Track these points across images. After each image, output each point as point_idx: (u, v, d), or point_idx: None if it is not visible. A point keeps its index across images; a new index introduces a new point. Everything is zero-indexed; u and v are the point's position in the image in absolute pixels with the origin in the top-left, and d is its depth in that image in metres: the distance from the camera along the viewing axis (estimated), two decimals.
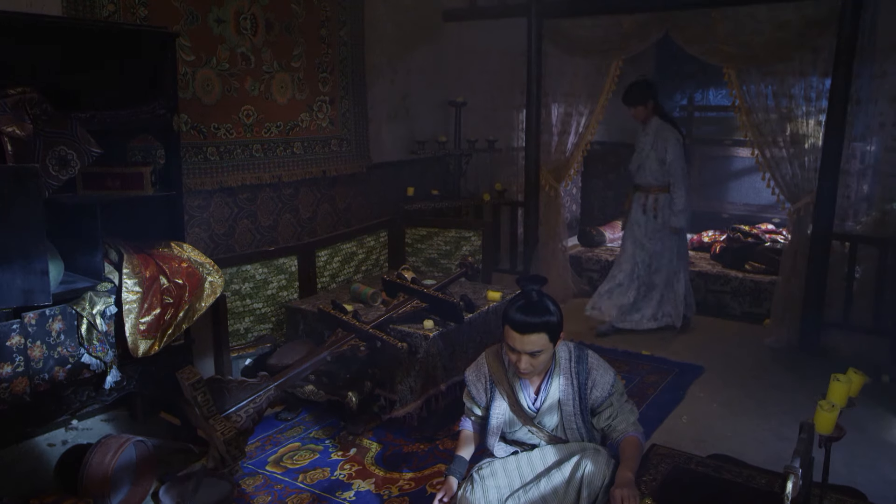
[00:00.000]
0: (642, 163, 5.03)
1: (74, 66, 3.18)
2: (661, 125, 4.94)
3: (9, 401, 2.68)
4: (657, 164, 4.95)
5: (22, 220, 2.63)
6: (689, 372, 4.47)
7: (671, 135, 4.89)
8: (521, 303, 2.42)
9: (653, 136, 4.95)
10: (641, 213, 5.07)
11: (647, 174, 5.02)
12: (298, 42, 4.72)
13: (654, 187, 5.01)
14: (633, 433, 2.52)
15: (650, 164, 4.98)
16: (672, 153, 4.88)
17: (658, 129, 4.93)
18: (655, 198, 5.01)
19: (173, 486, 3.06)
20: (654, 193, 5.02)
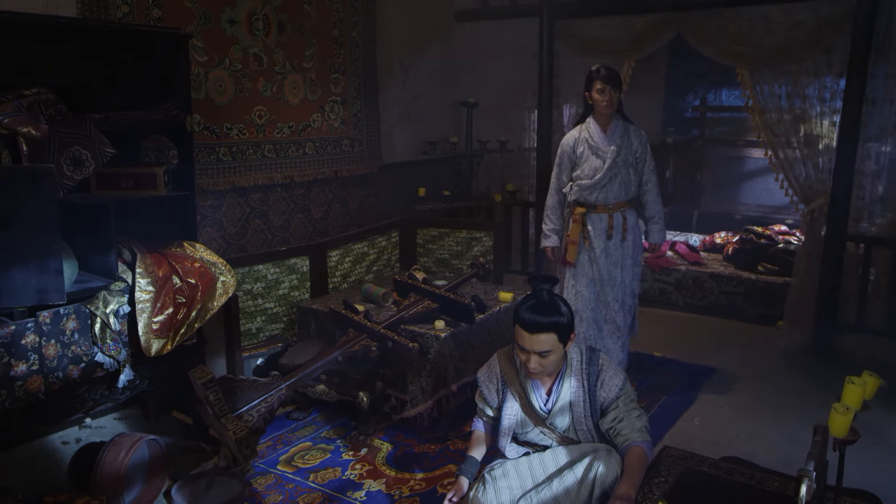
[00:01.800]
0: (616, 174, 3.97)
1: (89, 66, 3.21)
2: (627, 126, 4.03)
3: (24, 399, 2.70)
4: (632, 173, 4.03)
5: (37, 220, 2.65)
6: (700, 374, 4.44)
7: (644, 136, 4.09)
8: (531, 302, 2.42)
9: (626, 139, 3.98)
10: (605, 240, 4.03)
11: (620, 188, 4.00)
12: (311, 43, 4.73)
13: (622, 203, 4.03)
14: (638, 442, 2.46)
15: (623, 176, 3.99)
16: (651, 159, 4.08)
17: (627, 130, 4.01)
18: (623, 216, 4.04)
19: (185, 484, 3.07)
20: (619, 211, 4.04)
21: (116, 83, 3.30)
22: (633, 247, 4.09)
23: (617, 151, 3.93)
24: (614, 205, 4.01)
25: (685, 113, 7.97)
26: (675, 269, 5.83)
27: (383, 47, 5.37)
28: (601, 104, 3.90)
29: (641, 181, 4.09)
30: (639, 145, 4.03)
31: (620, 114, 4.01)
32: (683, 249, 6.21)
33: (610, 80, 3.88)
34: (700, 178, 7.81)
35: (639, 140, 4.03)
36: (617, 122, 3.99)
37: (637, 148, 4.02)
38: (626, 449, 2.45)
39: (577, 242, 4.05)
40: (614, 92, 3.88)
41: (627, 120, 4.05)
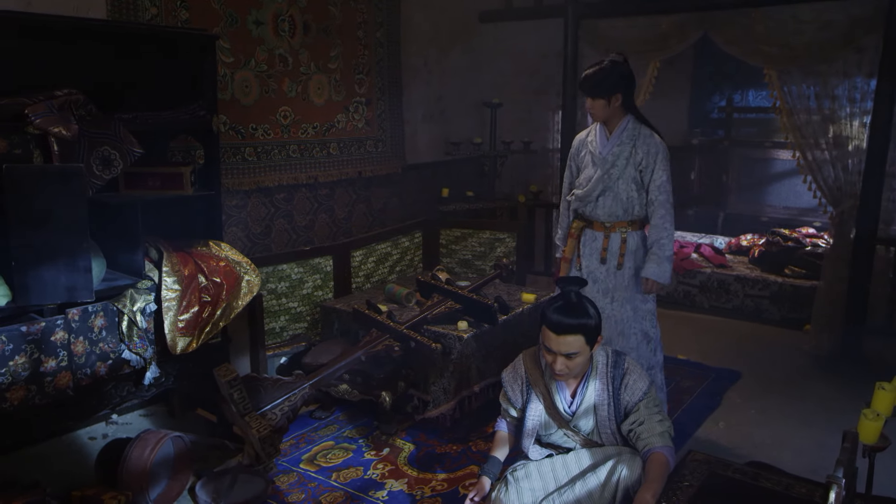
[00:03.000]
0: (608, 187, 3.39)
1: (118, 67, 3.25)
2: (638, 130, 3.36)
3: (53, 395, 2.74)
4: (634, 188, 3.38)
5: (67, 219, 2.70)
6: (725, 377, 4.39)
7: (659, 145, 3.35)
8: (559, 303, 2.41)
9: (629, 147, 3.35)
10: (598, 263, 3.47)
11: (615, 204, 3.40)
12: (335, 44, 4.75)
13: (621, 222, 3.43)
14: (659, 448, 2.42)
15: (621, 189, 3.38)
16: (663, 172, 3.34)
17: (635, 135, 3.35)
18: (623, 238, 3.43)
19: (209, 481, 3.10)
20: (618, 231, 3.44)
21: (144, 84, 3.34)
22: (630, 277, 3.43)
23: (611, 161, 3.35)
24: (611, 223, 3.42)
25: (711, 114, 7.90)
26: (700, 272, 5.77)
27: (407, 48, 5.39)
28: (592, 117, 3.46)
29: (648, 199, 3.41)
30: (644, 155, 3.34)
31: (635, 115, 3.40)
32: (708, 252, 6.15)
33: (583, 88, 3.37)
34: (726, 179, 7.74)
35: (646, 149, 3.33)
36: (625, 126, 3.36)
37: (641, 158, 3.34)
38: (648, 454, 2.42)
39: (569, 260, 3.57)
40: (594, 100, 3.31)
41: (645, 123, 3.41)
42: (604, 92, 3.26)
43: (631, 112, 3.37)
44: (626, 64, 3.30)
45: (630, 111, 3.37)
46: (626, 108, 3.34)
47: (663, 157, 3.34)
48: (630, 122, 3.36)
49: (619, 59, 3.28)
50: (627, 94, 3.32)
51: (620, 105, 3.31)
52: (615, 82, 3.25)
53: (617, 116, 3.35)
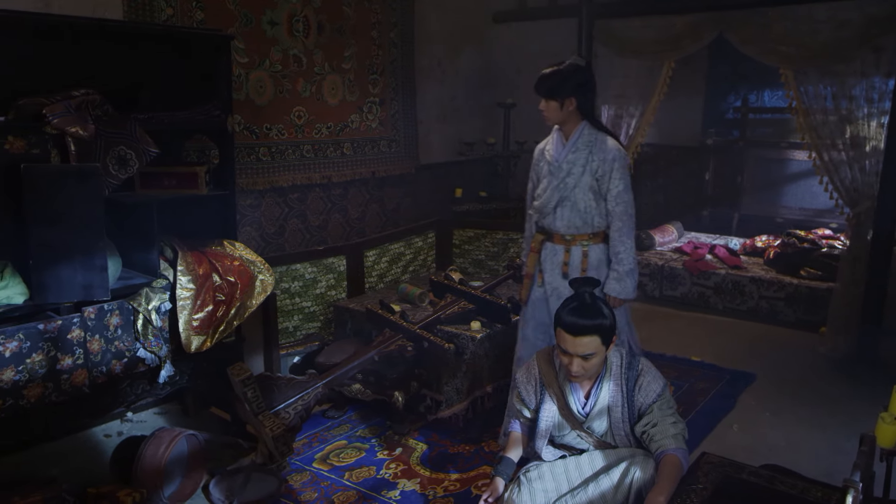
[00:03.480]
0: (565, 196, 3.19)
1: (134, 67, 3.27)
2: (594, 136, 3.16)
3: (69, 392, 2.77)
4: (591, 197, 3.17)
5: (83, 218, 2.72)
6: (740, 379, 4.36)
7: (617, 152, 3.15)
8: (573, 305, 2.41)
9: (584, 153, 3.14)
10: (560, 277, 3.26)
11: (573, 215, 3.19)
12: (349, 44, 4.77)
13: (581, 235, 3.23)
14: (672, 450, 2.40)
15: (579, 199, 3.17)
16: (620, 181, 3.14)
17: (592, 141, 3.15)
18: (584, 252, 3.21)
19: (223, 479, 3.12)
20: (579, 245, 3.22)
21: (160, 84, 3.36)
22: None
23: (567, 169, 3.17)
24: (571, 235, 3.23)
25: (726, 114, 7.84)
26: (715, 273, 5.74)
27: (421, 48, 5.39)
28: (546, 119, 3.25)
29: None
30: (600, 162, 3.12)
31: (591, 121, 3.19)
32: (723, 253, 6.11)
33: (537, 88, 3.19)
34: (741, 180, 7.68)
35: (602, 156, 3.12)
36: (581, 132, 3.16)
37: (598, 166, 3.13)
38: (661, 456, 2.41)
39: (531, 276, 3.37)
40: (547, 101, 3.15)
41: (602, 129, 3.21)
42: (558, 94, 3.10)
43: (587, 118, 3.18)
44: (587, 69, 3.17)
45: (587, 117, 3.18)
46: (582, 113, 3.16)
47: (621, 166, 3.13)
48: (586, 129, 3.16)
49: (581, 62, 3.16)
50: (584, 99, 3.13)
51: (575, 110, 3.13)
52: (571, 86, 3.09)
53: (572, 122, 3.16)
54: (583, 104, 3.14)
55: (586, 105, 3.16)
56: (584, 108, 3.15)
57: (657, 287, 6.02)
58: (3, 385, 2.58)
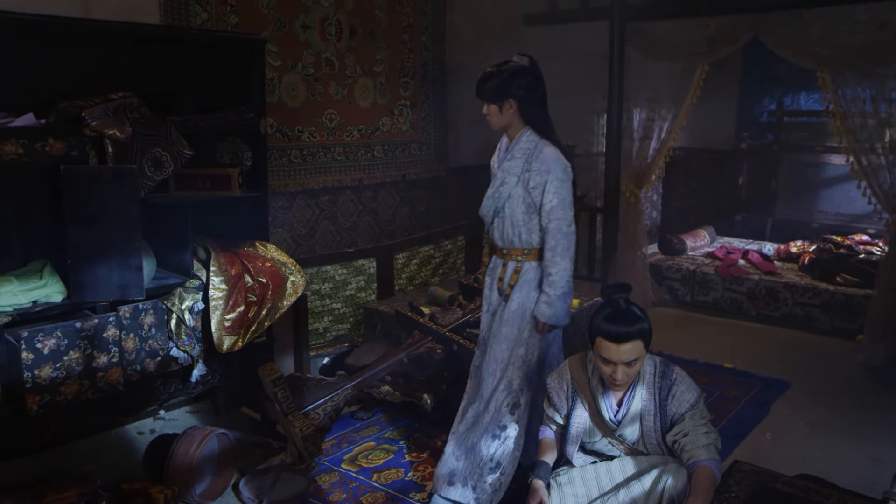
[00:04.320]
0: (499, 207, 2.95)
1: (169, 70, 3.32)
2: (534, 144, 2.86)
3: (105, 389, 2.81)
4: (523, 211, 2.89)
5: (120, 219, 2.77)
6: (773, 387, 4.29)
7: (555, 163, 2.82)
8: (609, 312, 2.37)
9: (520, 162, 2.86)
10: (495, 293, 3.04)
11: (507, 228, 2.94)
12: (381, 47, 4.79)
13: (516, 250, 2.96)
14: (705, 461, 2.34)
15: (511, 212, 2.91)
16: (555, 195, 2.80)
17: (529, 150, 2.86)
18: (517, 267, 2.97)
19: (253, 478, 3.14)
20: (514, 260, 2.97)
21: (195, 86, 3.41)
22: (514, 315, 2.92)
23: (501, 178, 2.91)
24: (507, 250, 2.98)
25: (760, 117, 7.73)
26: (748, 279, 5.66)
27: (452, 51, 5.39)
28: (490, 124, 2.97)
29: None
30: (534, 174, 2.82)
31: (536, 127, 2.89)
32: (756, 258, 6.03)
33: (477, 92, 2.95)
34: (775, 184, 7.56)
35: (538, 166, 2.81)
36: (520, 139, 2.88)
37: (532, 177, 2.83)
38: (694, 467, 2.35)
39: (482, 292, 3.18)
40: (487, 104, 2.90)
41: (547, 136, 2.88)
42: (495, 96, 2.85)
43: (531, 123, 2.88)
44: (530, 69, 2.86)
45: (530, 122, 2.87)
46: (525, 117, 2.87)
47: (557, 178, 2.79)
48: (525, 135, 2.87)
49: (523, 61, 2.87)
50: (526, 101, 2.84)
51: (517, 113, 2.85)
52: (511, 87, 2.82)
53: (515, 126, 2.89)
54: (525, 107, 2.85)
55: (529, 108, 2.86)
56: (526, 111, 2.86)
57: (688, 292, 5.96)
58: (42, 382, 2.64)
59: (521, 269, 2.94)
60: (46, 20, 2.85)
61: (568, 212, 2.83)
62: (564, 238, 2.82)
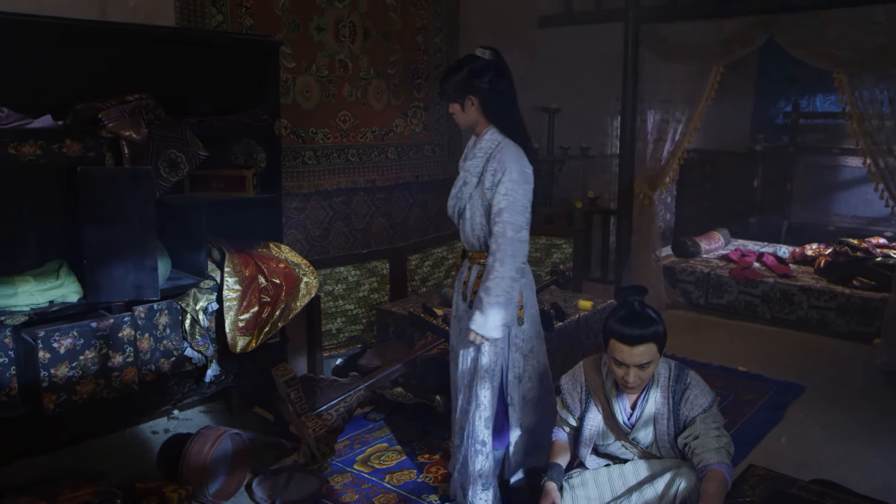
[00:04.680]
0: (462, 208, 2.80)
1: (185, 72, 3.35)
2: (497, 143, 2.68)
3: (120, 389, 2.83)
4: (482, 213, 2.72)
5: (136, 219, 2.79)
6: (788, 391, 4.26)
7: (512, 163, 2.63)
8: (623, 314, 2.36)
9: (481, 163, 2.69)
10: (461, 298, 2.87)
11: (469, 230, 2.79)
12: (394, 49, 4.80)
13: (480, 253, 2.78)
14: (714, 465, 2.31)
15: (473, 212, 2.74)
16: (506, 197, 2.61)
17: (490, 149, 2.68)
18: (480, 271, 2.74)
19: (266, 478, 3.15)
20: (477, 264, 2.79)
21: (210, 88, 3.43)
22: None
23: (463, 178, 2.76)
24: (472, 253, 2.81)
25: (776, 119, 7.68)
26: (763, 282, 5.62)
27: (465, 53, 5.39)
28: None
29: None
30: (491, 174, 2.64)
31: (500, 125, 2.70)
32: (771, 261, 5.99)
33: (440, 92, 2.83)
34: (790, 187, 7.50)
35: (495, 166, 2.63)
36: (483, 137, 2.71)
37: (488, 178, 2.66)
38: (703, 471, 2.32)
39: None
40: (451, 104, 2.75)
41: (512, 134, 2.70)
42: (455, 94, 2.69)
43: (496, 121, 2.70)
44: (492, 62, 2.67)
45: (495, 119, 2.69)
46: (489, 115, 2.69)
47: (511, 179, 2.59)
48: (488, 133, 2.70)
49: (484, 54, 2.68)
50: (489, 98, 2.66)
51: (479, 110, 2.68)
52: (470, 84, 2.64)
53: (481, 125, 2.72)
54: (488, 104, 2.66)
55: (493, 105, 2.67)
56: (489, 108, 2.67)
57: (702, 295, 5.92)
58: (58, 381, 2.66)
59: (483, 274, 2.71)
60: (64, 23, 2.88)
61: (517, 216, 2.61)
62: (508, 244, 2.59)
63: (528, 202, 2.65)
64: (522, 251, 2.64)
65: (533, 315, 2.88)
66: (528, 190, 2.65)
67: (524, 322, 2.80)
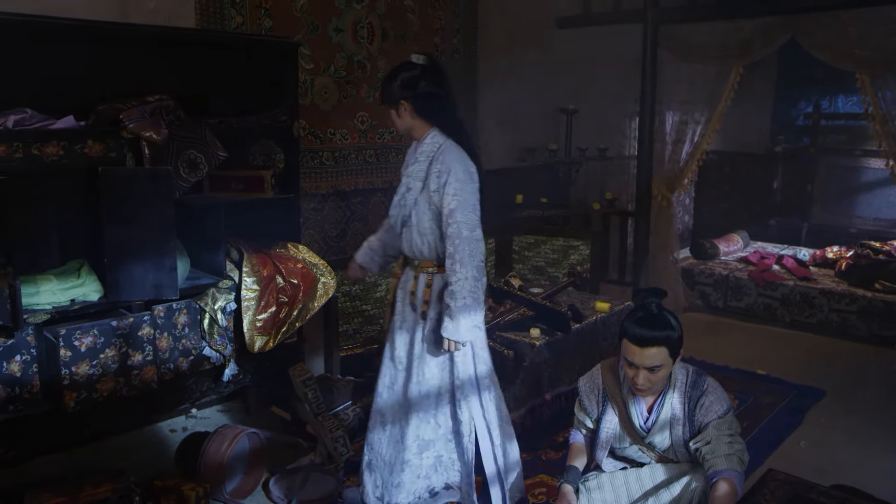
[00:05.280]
0: (407, 215, 2.77)
1: (204, 73, 3.37)
2: (440, 145, 2.67)
3: (139, 387, 2.86)
4: (431, 218, 2.71)
5: (156, 219, 2.81)
6: (808, 395, 4.21)
7: (457, 163, 2.62)
8: (639, 315, 2.35)
9: (424, 166, 2.67)
10: (409, 308, 2.80)
11: (417, 237, 2.76)
12: (413, 50, 4.77)
13: (427, 262, 2.77)
14: (724, 472, 2.27)
15: (418, 219, 2.73)
16: (455, 198, 2.59)
17: (433, 151, 2.66)
18: (429, 280, 2.75)
19: (282, 478, 3.17)
20: (425, 273, 2.77)
21: (229, 89, 3.45)
22: (432, 332, 2.72)
23: (406, 184, 2.73)
24: (418, 261, 2.78)
25: (796, 121, 7.61)
26: (782, 284, 5.57)
27: (483, 54, 5.39)
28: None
29: None
30: (437, 175, 2.61)
31: (443, 127, 2.69)
32: (791, 263, 5.93)
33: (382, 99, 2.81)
34: (811, 189, 7.43)
35: (439, 167, 2.61)
36: (424, 140, 2.69)
37: (433, 180, 2.63)
38: (713, 479, 2.29)
39: (392, 303, 2.92)
40: (388, 108, 2.76)
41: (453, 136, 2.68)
42: (388, 101, 2.71)
43: (437, 124, 2.68)
44: (424, 67, 2.67)
45: (437, 122, 2.68)
46: (428, 119, 2.68)
47: (457, 179, 2.58)
48: (431, 136, 2.68)
49: (418, 59, 2.68)
50: (422, 103, 2.65)
51: (414, 115, 2.68)
52: (401, 89, 2.65)
53: (419, 129, 2.71)
54: (422, 108, 2.66)
55: (429, 109, 2.67)
56: (425, 112, 2.67)
57: (721, 297, 5.88)
58: (79, 379, 2.69)
59: (432, 283, 2.71)
60: (87, 25, 2.91)
61: (470, 215, 2.59)
62: (465, 243, 2.56)
63: (477, 201, 2.64)
64: (479, 249, 2.63)
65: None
66: (475, 189, 2.65)
67: None
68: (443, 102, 2.69)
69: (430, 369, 2.76)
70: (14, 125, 2.62)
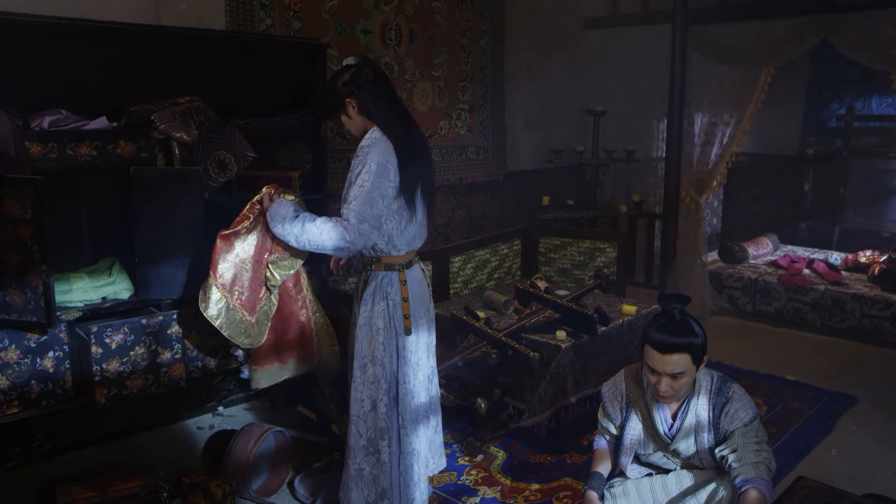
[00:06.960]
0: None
1: (234, 75, 3.41)
2: (375, 141, 2.57)
3: (167, 385, 2.89)
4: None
5: (185, 219, 2.85)
6: (839, 401, 4.14)
7: (375, 154, 2.51)
8: (662, 321, 2.33)
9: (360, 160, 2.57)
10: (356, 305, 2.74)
11: None
12: (440, 51, 4.81)
13: (366, 258, 2.70)
14: (753, 482, 2.23)
15: None
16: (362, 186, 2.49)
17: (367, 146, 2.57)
18: (365, 276, 2.70)
19: (308, 477, 3.19)
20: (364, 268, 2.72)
21: (258, 90, 3.49)
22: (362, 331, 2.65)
23: (349, 180, 2.60)
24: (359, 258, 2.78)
25: (828, 122, 7.49)
26: (813, 289, 5.48)
27: (511, 55, 5.38)
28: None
29: None
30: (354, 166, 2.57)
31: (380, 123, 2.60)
32: (822, 268, 5.83)
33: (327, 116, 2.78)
34: (843, 192, 7.30)
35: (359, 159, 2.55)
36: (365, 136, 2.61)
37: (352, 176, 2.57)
38: (741, 488, 2.25)
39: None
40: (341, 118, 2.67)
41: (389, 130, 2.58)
42: (335, 107, 2.64)
43: (377, 122, 2.60)
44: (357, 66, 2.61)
45: (379, 121, 2.60)
46: (369, 115, 2.60)
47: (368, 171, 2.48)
48: (368, 133, 2.61)
49: (351, 61, 2.65)
50: (364, 100, 2.58)
51: (360, 113, 2.61)
52: (341, 88, 2.59)
53: (365, 127, 2.64)
54: (364, 104, 2.58)
55: (368, 105, 2.59)
56: (365, 108, 2.59)
57: (750, 301, 5.80)
58: (109, 375, 2.73)
59: (367, 279, 2.65)
60: (121, 28, 2.96)
61: (364, 207, 2.46)
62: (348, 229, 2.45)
63: (382, 197, 2.50)
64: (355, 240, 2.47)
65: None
66: (385, 185, 2.50)
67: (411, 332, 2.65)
68: (382, 98, 2.63)
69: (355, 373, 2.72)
70: (49, 126, 2.67)
